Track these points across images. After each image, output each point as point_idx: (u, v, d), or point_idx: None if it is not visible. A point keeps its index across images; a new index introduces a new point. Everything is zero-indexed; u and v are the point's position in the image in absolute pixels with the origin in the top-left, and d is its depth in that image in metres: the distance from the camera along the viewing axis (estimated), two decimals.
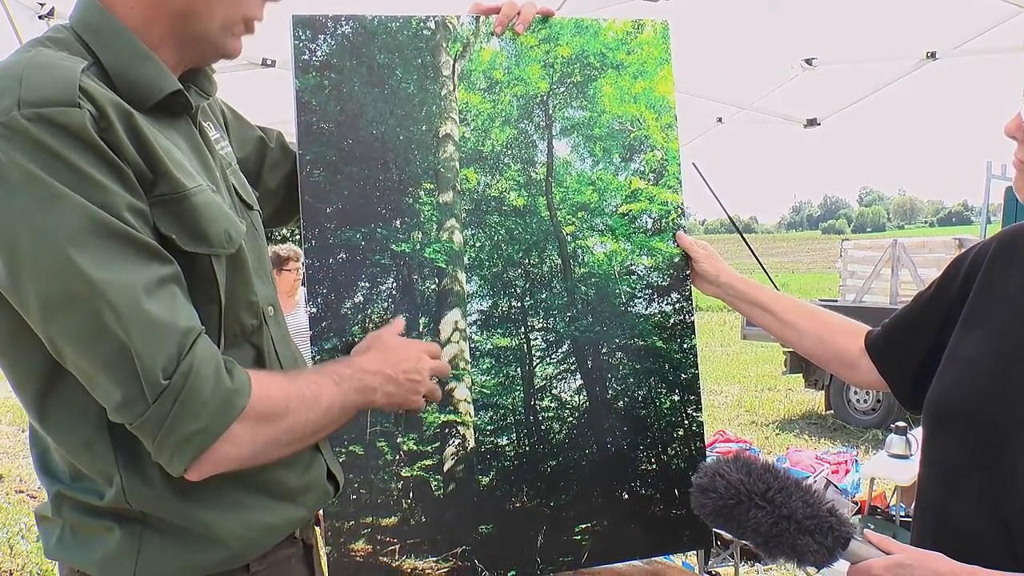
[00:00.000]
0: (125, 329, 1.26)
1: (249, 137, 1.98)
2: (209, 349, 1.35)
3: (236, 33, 1.56)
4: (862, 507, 5.92)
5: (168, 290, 1.33)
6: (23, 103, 1.26)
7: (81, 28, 1.47)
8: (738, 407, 13.11)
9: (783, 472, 1.58)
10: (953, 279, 1.79)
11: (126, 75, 1.43)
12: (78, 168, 1.27)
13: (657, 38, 2.23)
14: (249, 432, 1.38)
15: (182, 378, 1.29)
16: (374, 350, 1.69)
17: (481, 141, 2.09)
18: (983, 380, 1.61)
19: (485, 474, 2.02)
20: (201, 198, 1.44)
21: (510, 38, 2.12)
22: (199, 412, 1.31)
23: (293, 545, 1.66)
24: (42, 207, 1.25)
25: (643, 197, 2.19)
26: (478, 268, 2.07)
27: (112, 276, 1.26)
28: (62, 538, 1.49)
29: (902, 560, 1.47)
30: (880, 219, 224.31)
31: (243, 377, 1.39)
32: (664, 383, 2.17)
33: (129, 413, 1.31)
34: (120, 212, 1.29)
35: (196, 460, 1.34)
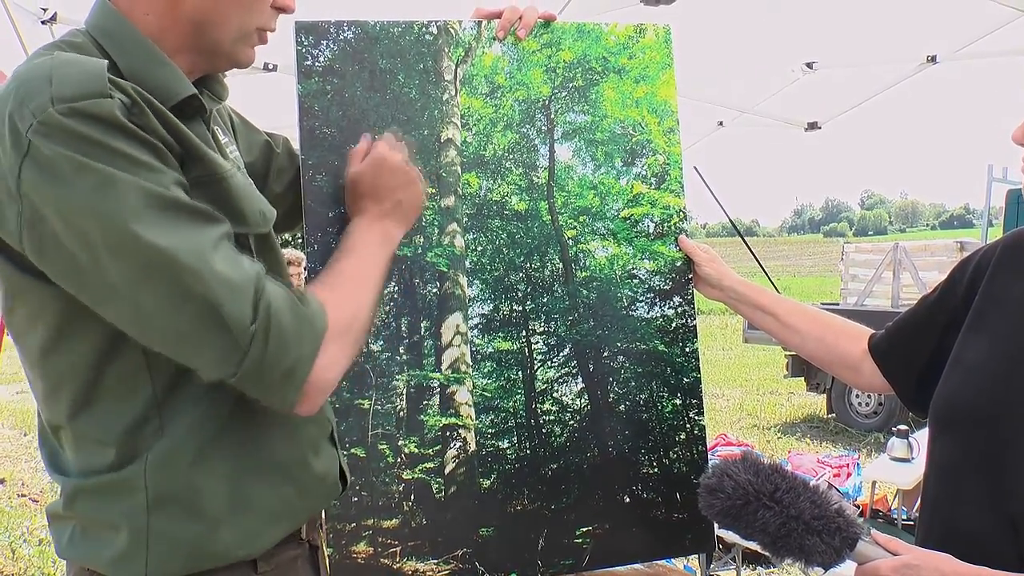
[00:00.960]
0: (205, 286, 1.30)
1: (256, 142, 1.99)
2: (278, 288, 1.40)
3: (250, 43, 1.58)
4: (864, 511, 5.92)
5: (227, 245, 1.37)
6: (56, 100, 1.28)
7: (97, 32, 1.48)
8: (740, 411, 13.11)
9: (791, 473, 1.59)
10: (958, 282, 1.80)
11: (142, 79, 1.44)
12: (120, 151, 1.29)
13: (659, 43, 2.24)
14: (338, 345, 1.45)
15: (265, 318, 1.33)
16: (361, 200, 1.76)
17: (483, 145, 2.10)
18: (989, 382, 1.62)
19: (486, 477, 2.03)
20: (236, 180, 1.49)
21: (512, 43, 2.13)
22: (289, 343, 1.36)
23: (299, 546, 1.66)
24: (98, 192, 1.27)
25: (645, 201, 2.20)
26: (480, 272, 2.07)
27: (179, 242, 1.30)
28: (73, 537, 1.49)
29: (909, 561, 1.48)
30: (882, 222, 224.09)
31: (316, 301, 1.45)
32: (666, 387, 2.17)
33: (228, 365, 1.34)
34: (168, 185, 1.32)
35: (304, 387, 1.40)
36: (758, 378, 16.13)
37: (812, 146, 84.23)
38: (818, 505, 1.53)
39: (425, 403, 2.00)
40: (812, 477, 5.86)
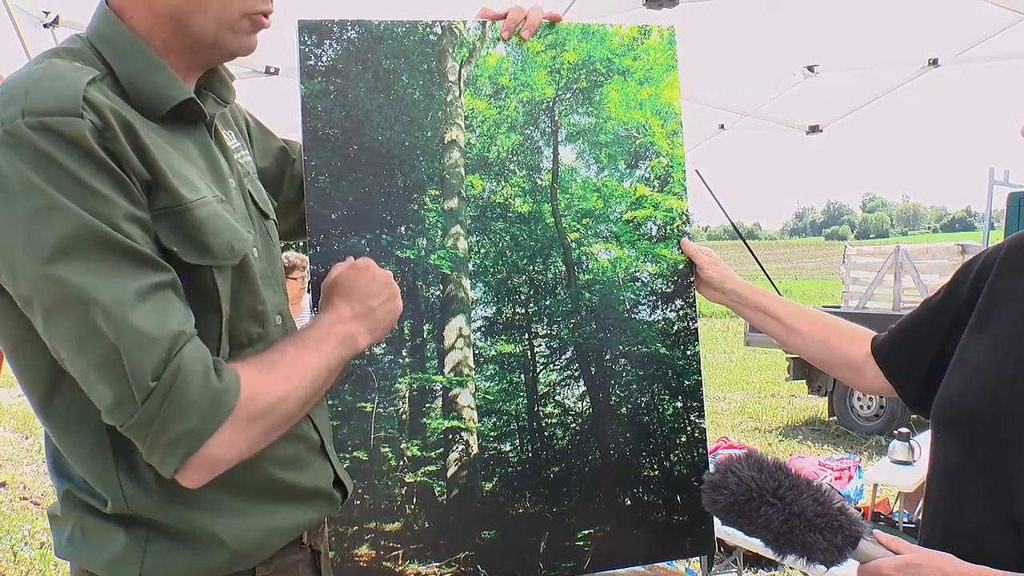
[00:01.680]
0: (115, 331, 1.27)
1: (272, 148, 1.99)
2: (198, 352, 1.35)
3: (240, 30, 1.54)
4: (865, 513, 5.91)
5: (161, 295, 1.34)
6: (27, 112, 1.28)
7: (95, 39, 1.49)
8: (741, 413, 13.12)
9: (794, 470, 1.60)
10: (962, 284, 1.80)
11: (138, 84, 1.45)
12: (76, 177, 1.28)
13: (664, 44, 2.24)
14: (240, 431, 1.37)
15: (170, 379, 1.29)
16: (335, 298, 1.68)
17: (487, 147, 2.10)
18: (992, 383, 1.62)
19: (488, 480, 2.03)
20: (203, 211, 1.44)
21: (516, 43, 2.13)
22: (187, 412, 1.31)
23: (301, 551, 1.66)
24: (37, 216, 1.27)
25: (648, 204, 2.20)
26: (482, 275, 2.08)
27: (101, 283, 1.27)
28: (72, 538, 1.50)
29: (911, 560, 1.49)
30: (884, 225, 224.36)
31: (232, 377, 1.38)
32: (667, 390, 2.17)
33: (120, 414, 1.31)
34: (116, 222, 1.30)
35: (186, 461, 1.34)
36: (760, 381, 16.15)
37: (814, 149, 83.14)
38: (821, 503, 1.54)
39: (427, 406, 2.00)
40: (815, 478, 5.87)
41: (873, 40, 5.46)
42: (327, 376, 1.55)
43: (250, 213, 1.64)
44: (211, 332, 1.46)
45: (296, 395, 1.47)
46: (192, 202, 1.42)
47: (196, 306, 1.43)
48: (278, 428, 1.46)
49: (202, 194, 1.45)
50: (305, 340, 1.56)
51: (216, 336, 1.47)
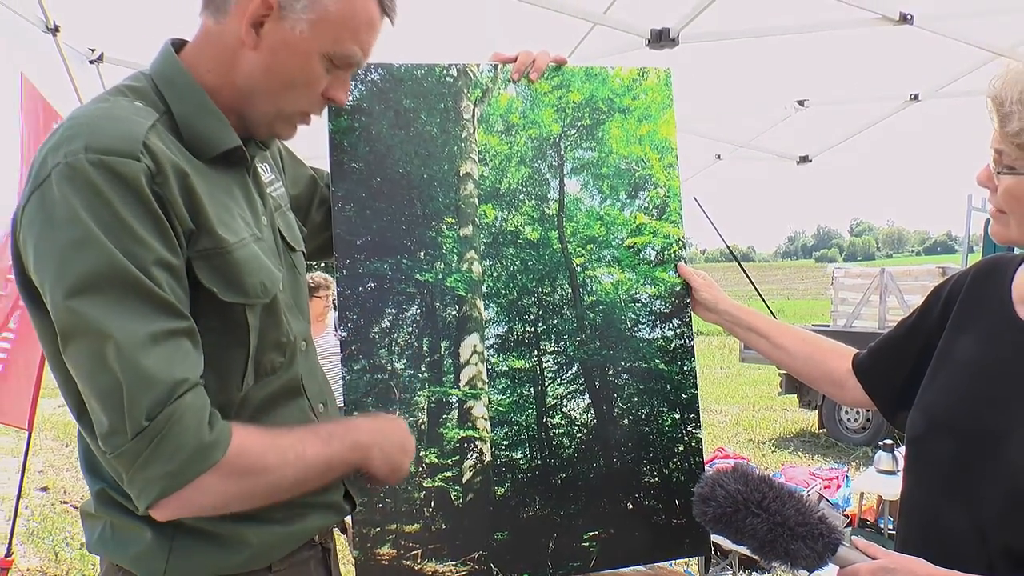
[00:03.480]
0: (121, 368, 1.27)
1: (302, 176, 2.00)
2: (199, 401, 1.34)
3: (290, 123, 1.59)
4: (853, 520, 5.91)
5: (175, 342, 1.33)
6: (89, 148, 1.29)
7: (159, 78, 1.50)
8: (736, 426, 13.04)
9: (777, 483, 1.60)
10: (934, 306, 1.81)
11: (193, 127, 1.46)
12: (120, 216, 1.29)
13: (660, 85, 2.25)
14: (220, 484, 1.36)
15: (163, 422, 1.29)
16: (370, 420, 1.71)
17: (498, 179, 2.11)
18: (959, 403, 1.63)
19: (501, 485, 2.03)
20: (242, 253, 1.46)
21: (525, 85, 2.14)
22: (172, 457, 1.31)
23: (312, 548, 1.68)
24: (74, 246, 1.28)
25: (647, 231, 2.20)
26: (495, 296, 2.08)
27: (118, 320, 1.28)
28: (103, 535, 1.51)
29: (886, 564, 1.49)
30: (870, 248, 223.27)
31: (224, 432, 1.37)
32: (666, 402, 2.16)
33: (110, 443, 1.31)
34: (146, 265, 1.31)
35: (159, 501, 1.33)
36: (753, 395, 16.05)
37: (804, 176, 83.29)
38: (802, 513, 1.54)
39: (444, 417, 2.00)
40: (802, 489, 5.86)
41: (859, 76, 5.46)
42: (324, 470, 1.52)
43: (278, 247, 1.65)
44: (238, 363, 1.48)
45: (285, 471, 1.44)
46: (232, 244, 1.44)
47: (227, 339, 1.44)
48: (259, 495, 1.44)
49: (242, 236, 1.47)
50: (320, 430, 1.56)
51: (242, 366, 1.49)
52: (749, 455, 9.92)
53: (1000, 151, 1.53)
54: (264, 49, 1.48)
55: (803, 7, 3.99)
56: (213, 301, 1.42)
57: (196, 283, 1.40)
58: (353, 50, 1.53)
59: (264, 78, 1.50)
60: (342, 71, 1.57)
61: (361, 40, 1.53)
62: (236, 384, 1.48)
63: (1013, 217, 1.55)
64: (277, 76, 1.50)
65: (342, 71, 1.57)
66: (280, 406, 1.60)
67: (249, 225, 1.53)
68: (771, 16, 4.05)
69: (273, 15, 1.46)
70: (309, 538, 1.65)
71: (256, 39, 1.47)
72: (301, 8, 1.46)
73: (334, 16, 1.48)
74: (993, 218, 1.60)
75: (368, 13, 1.52)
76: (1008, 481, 1.49)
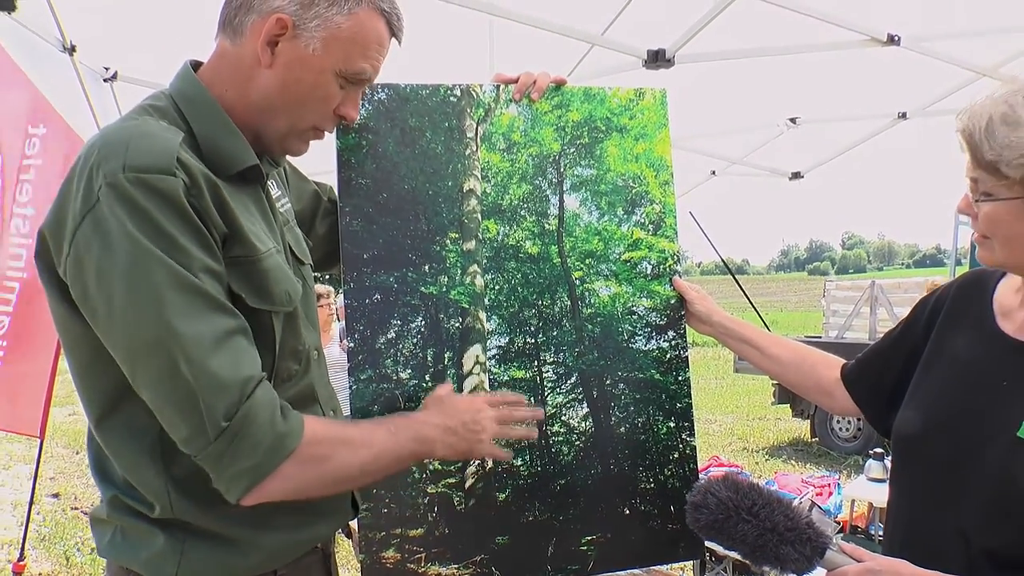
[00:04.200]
0: (194, 376, 1.31)
1: (306, 191, 2.03)
2: (268, 395, 1.39)
3: (303, 139, 1.62)
4: (844, 526, 5.90)
5: (235, 341, 1.37)
6: (127, 167, 1.32)
7: (179, 97, 1.52)
8: (731, 435, 13.04)
9: (767, 490, 1.62)
10: (919, 319, 1.83)
11: (214, 146, 1.48)
12: (164, 230, 1.32)
13: (656, 105, 2.26)
14: (298, 470, 1.41)
15: (240, 421, 1.34)
16: (432, 407, 1.71)
17: (500, 196, 2.12)
18: (944, 407, 1.65)
19: (502, 491, 2.03)
20: (270, 262, 1.49)
21: (527, 104, 2.15)
22: (254, 451, 1.36)
23: (315, 553, 1.70)
24: (134, 261, 1.30)
25: (643, 246, 2.21)
26: (497, 308, 2.08)
27: (188, 327, 1.31)
28: (113, 539, 1.52)
29: (871, 566, 1.51)
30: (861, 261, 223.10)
31: (296, 421, 1.42)
32: (661, 411, 2.17)
33: (193, 446, 1.35)
34: (195, 271, 1.34)
35: (249, 491, 1.38)
36: (748, 405, 16.03)
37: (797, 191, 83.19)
38: (791, 518, 1.56)
39: None
40: (795, 496, 5.86)
41: (849, 95, 5.49)
42: (393, 460, 1.57)
43: (288, 261, 1.66)
44: (267, 368, 1.50)
45: (354, 459, 1.50)
46: (262, 254, 1.47)
47: (258, 344, 1.46)
48: (332, 482, 1.49)
49: (268, 247, 1.50)
50: (387, 422, 1.61)
51: (269, 372, 1.51)
52: (743, 463, 9.91)
53: (975, 179, 1.56)
54: (279, 67, 1.51)
55: (794, 29, 4.01)
56: (243, 308, 1.44)
57: (228, 291, 1.43)
58: (363, 67, 1.56)
59: (280, 95, 1.53)
60: (353, 88, 1.60)
61: (371, 57, 1.57)
62: None
63: (996, 241, 1.57)
64: (292, 92, 1.53)
65: (353, 88, 1.60)
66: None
67: (269, 238, 1.55)
68: (763, 37, 4.08)
69: (288, 34, 1.49)
70: (316, 544, 1.67)
71: (271, 57, 1.50)
72: (314, 27, 1.49)
73: (345, 34, 1.52)
74: (978, 244, 1.62)
75: (377, 32, 1.56)
76: (989, 487, 1.51)
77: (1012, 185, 1.50)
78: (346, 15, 1.51)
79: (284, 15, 1.49)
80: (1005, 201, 1.52)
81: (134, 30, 4.05)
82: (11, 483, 9.91)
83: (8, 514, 8.53)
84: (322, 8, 1.50)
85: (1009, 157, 1.47)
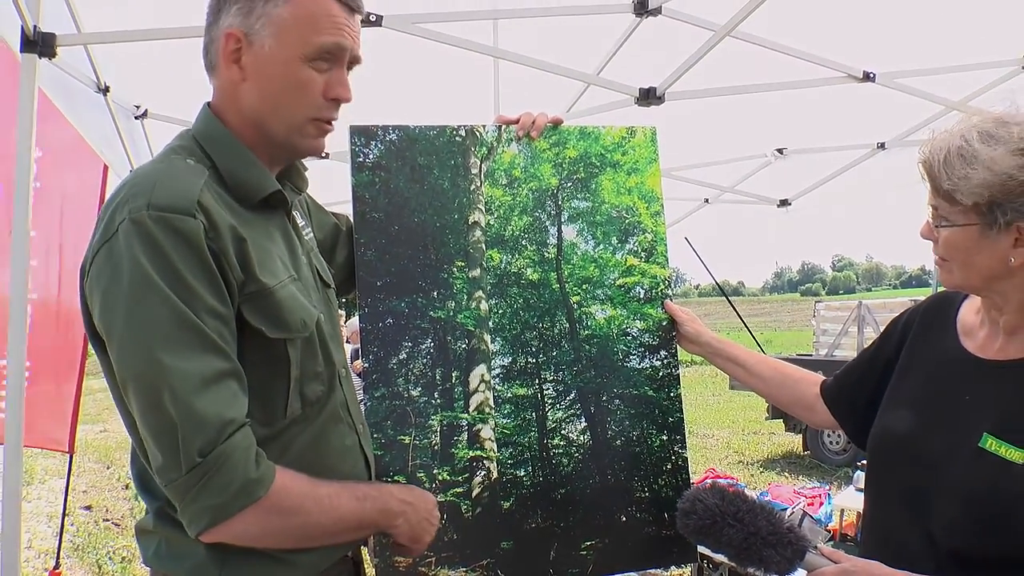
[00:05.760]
0: (176, 411, 1.31)
1: (326, 222, 2.04)
2: (246, 441, 1.38)
3: (307, 134, 1.59)
4: (834, 534, 5.89)
5: (224, 384, 1.37)
6: (151, 206, 1.35)
7: (201, 137, 1.55)
8: (727, 448, 12.98)
9: (751, 498, 1.65)
10: (891, 337, 1.86)
11: (237, 178, 1.51)
12: (175, 267, 1.33)
13: (647, 142, 2.30)
14: (261, 518, 1.39)
15: (214, 460, 1.33)
16: (402, 490, 1.73)
17: (503, 227, 2.15)
18: (913, 420, 1.67)
19: (506, 500, 2.04)
20: (283, 292, 1.49)
21: (526, 143, 2.19)
22: (222, 491, 1.35)
23: (345, 562, 1.71)
24: (138, 292, 1.32)
25: (636, 272, 2.24)
26: (501, 331, 2.11)
27: (178, 363, 1.31)
28: (158, 550, 1.52)
29: (847, 567, 1.54)
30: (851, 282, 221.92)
31: (268, 471, 1.40)
32: (654, 425, 2.19)
33: (164, 476, 1.36)
34: (198, 311, 1.35)
35: (209, 529, 1.37)
36: (743, 420, 15.96)
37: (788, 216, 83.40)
38: (773, 523, 1.59)
39: (455, 439, 2.02)
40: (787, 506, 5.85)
41: (831, 127, 5.54)
42: (355, 526, 1.57)
43: (316, 284, 1.69)
44: (280, 394, 1.51)
45: (319, 519, 1.48)
46: (273, 287, 1.47)
47: (270, 372, 1.48)
48: (295, 537, 1.47)
49: (281, 278, 1.50)
50: (355, 489, 1.59)
51: (284, 395, 1.51)
52: (739, 475, 9.89)
53: (936, 207, 1.60)
54: (251, 76, 1.53)
55: (776, 67, 4.07)
56: (258, 338, 1.45)
57: (244, 324, 1.43)
58: (322, 41, 1.53)
59: (263, 100, 1.54)
60: (334, 68, 1.57)
61: (325, 30, 1.53)
62: (280, 413, 1.50)
63: (955, 264, 1.61)
64: (271, 93, 1.54)
65: (334, 68, 1.57)
66: (329, 431, 1.63)
67: (287, 267, 1.56)
68: (748, 75, 4.13)
69: (244, 45, 1.52)
70: (345, 553, 1.68)
71: (241, 71, 1.53)
72: (261, 27, 1.51)
73: (290, 20, 1.51)
74: (938, 266, 1.65)
75: (321, 6, 1.53)
76: (953, 493, 1.54)
77: (967, 212, 1.54)
78: (285, 3, 1.51)
79: (232, 29, 1.51)
80: (962, 227, 1.56)
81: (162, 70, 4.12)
82: (46, 496, 9.92)
83: (44, 525, 8.54)
84: (261, 7, 1.50)
85: (964, 187, 1.51)
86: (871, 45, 4.09)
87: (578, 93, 4.36)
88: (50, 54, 2.94)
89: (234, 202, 1.49)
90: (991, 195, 1.49)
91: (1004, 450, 1.51)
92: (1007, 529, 1.47)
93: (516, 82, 4.08)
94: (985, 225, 1.53)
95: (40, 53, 2.91)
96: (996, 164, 1.48)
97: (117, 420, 16.80)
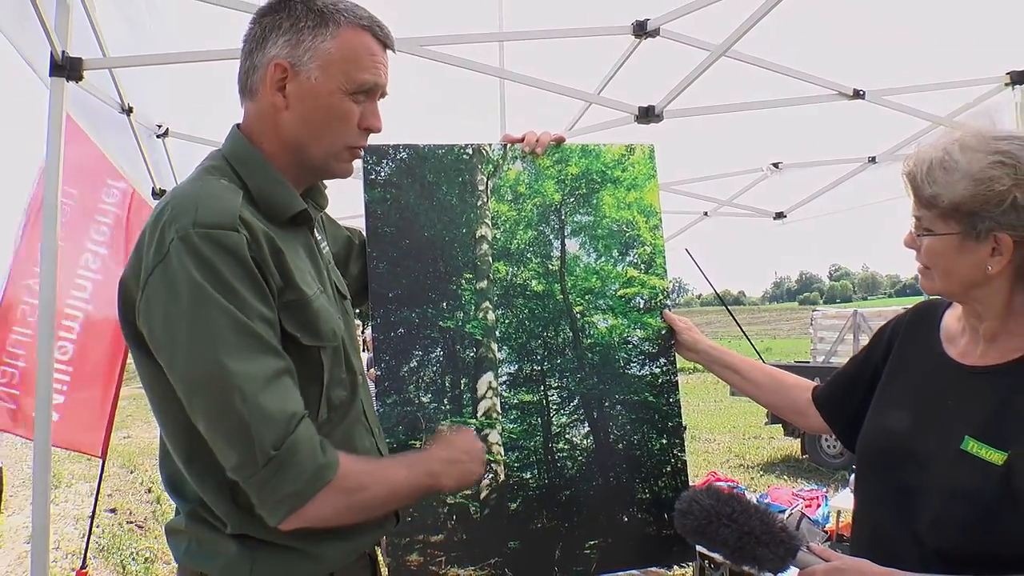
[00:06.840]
0: (248, 409, 1.35)
1: (340, 236, 2.06)
2: (309, 430, 1.42)
3: (341, 159, 1.64)
4: (831, 535, 5.88)
5: (283, 380, 1.41)
6: (197, 224, 1.38)
7: (232, 158, 1.58)
8: (728, 452, 12.96)
9: (745, 498, 1.66)
10: (878, 344, 1.87)
11: (267, 197, 1.54)
12: (226, 279, 1.37)
13: (645, 159, 2.32)
14: (333, 499, 1.44)
15: (287, 451, 1.37)
16: (438, 444, 1.76)
17: (509, 241, 2.17)
18: (899, 429, 1.68)
19: (513, 501, 2.06)
20: (318, 303, 1.53)
21: (531, 160, 2.21)
22: (296, 479, 1.39)
23: (364, 558, 1.72)
24: (197, 305, 1.35)
25: (636, 283, 2.25)
26: (507, 340, 2.12)
27: (243, 366, 1.35)
28: (189, 548, 1.54)
29: (838, 565, 1.55)
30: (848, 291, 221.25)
31: (334, 455, 1.45)
32: (654, 430, 2.20)
33: (243, 473, 1.39)
34: (252, 317, 1.38)
35: (289, 516, 1.41)
36: (743, 425, 15.93)
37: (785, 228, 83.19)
38: (766, 523, 1.60)
39: None
40: (786, 508, 5.86)
41: (824, 142, 5.55)
42: (406, 491, 1.60)
43: (335, 296, 1.71)
44: (315, 397, 1.54)
45: (377, 492, 1.53)
46: (310, 296, 1.51)
47: (307, 376, 1.50)
48: (360, 510, 1.51)
49: (314, 289, 1.54)
50: (402, 458, 1.67)
51: (318, 400, 1.55)
52: (740, 478, 9.88)
53: (919, 217, 1.62)
54: (294, 105, 1.56)
55: (771, 85, 4.08)
56: (294, 345, 1.48)
57: (281, 331, 1.46)
58: (364, 78, 1.58)
59: (305, 128, 1.57)
60: (368, 101, 1.62)
61: (367, 68, 1.58)
62: (312, 417, 1.52)
63: (936, 271, 1.63)
64: (314, 121, 1.57)
65: (368, 101, 1.62)
66: (353, 433, 1.66)
67: (315, 280, 1.59)
68: (743, 93, 4.15)
69: (290, 75, 1.54)
70: (365, 549, 1.70)
71: (285, 100, 1.56)
72: (308, 59, 1.54)
73: (336, 56, 1.55)
74: (920, 274, 1.67)
75: (364, 44, 1.58)
76: (937, 494, 1.55)
77: (948, 222, 1.56)
78: (331, 39, 1.54)
79: (280, 60, 1.54)
80: (942, 236, 1.58)
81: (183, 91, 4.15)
82: (73, 499, 9.96)
83: (71, 527, 8.58)
84: (309, 41, 1.54)
85: (945, 197, 1.54)
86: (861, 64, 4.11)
87: (580, 111, 4.38)
88: (77, 77, 2.98)
89: (264, 219, 1.52)
90: (970, 205, 1.51)
91: (985, 452, 1.52)
92: (989, 528, 1.48)
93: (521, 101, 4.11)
94: (964, 234, 1.55)
95: (68, 77, 2.94)
96: (975, 175, 1.50)
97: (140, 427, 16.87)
